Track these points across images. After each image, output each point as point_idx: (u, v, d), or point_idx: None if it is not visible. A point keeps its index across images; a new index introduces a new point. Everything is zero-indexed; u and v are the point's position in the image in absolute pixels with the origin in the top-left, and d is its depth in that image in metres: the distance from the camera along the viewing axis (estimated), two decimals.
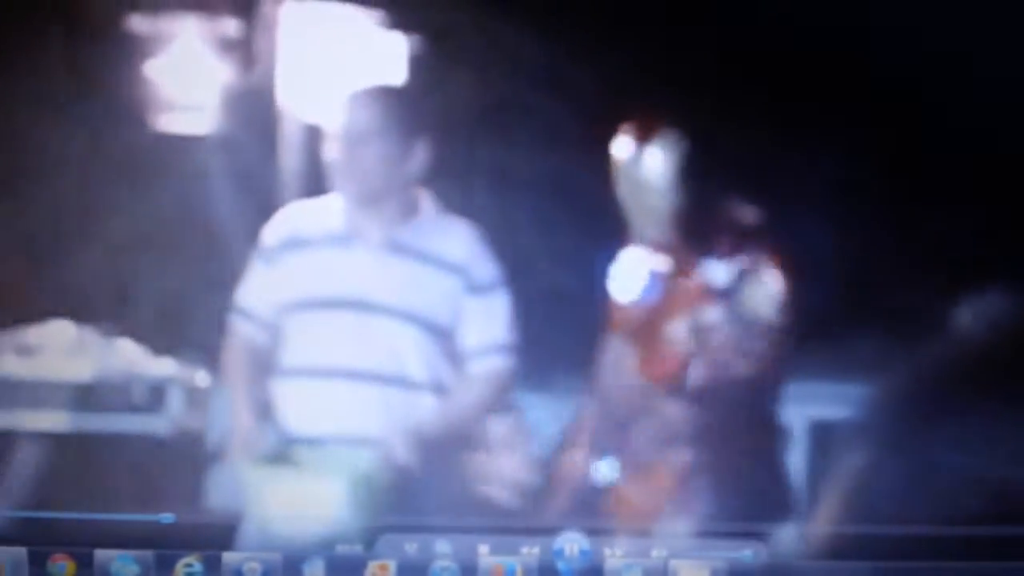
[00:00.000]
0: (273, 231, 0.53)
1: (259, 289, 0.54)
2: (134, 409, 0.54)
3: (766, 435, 0.63)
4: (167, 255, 0.51)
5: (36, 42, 0.46)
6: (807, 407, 0.64)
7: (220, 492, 0.57)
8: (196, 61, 0.47)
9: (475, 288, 0.55)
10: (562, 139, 0.53)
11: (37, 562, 0.64)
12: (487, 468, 0.58)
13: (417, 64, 0.50)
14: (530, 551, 0.67)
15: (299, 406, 0.57)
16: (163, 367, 0.53)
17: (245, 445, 0.56)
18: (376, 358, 0.55)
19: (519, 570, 0.66)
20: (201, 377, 0.54)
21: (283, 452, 0.58)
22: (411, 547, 0.66)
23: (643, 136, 0.57)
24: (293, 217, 0.53)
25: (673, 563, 0.67)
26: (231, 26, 0.47)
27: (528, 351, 0.58)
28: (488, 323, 0.56)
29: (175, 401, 0.54)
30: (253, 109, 0.49)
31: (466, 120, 0.50)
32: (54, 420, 0.53)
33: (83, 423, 0.54)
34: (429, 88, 0.50)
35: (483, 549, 0.67)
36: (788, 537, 0.68)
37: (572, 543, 0.67)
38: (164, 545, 0.65)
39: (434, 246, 0.54)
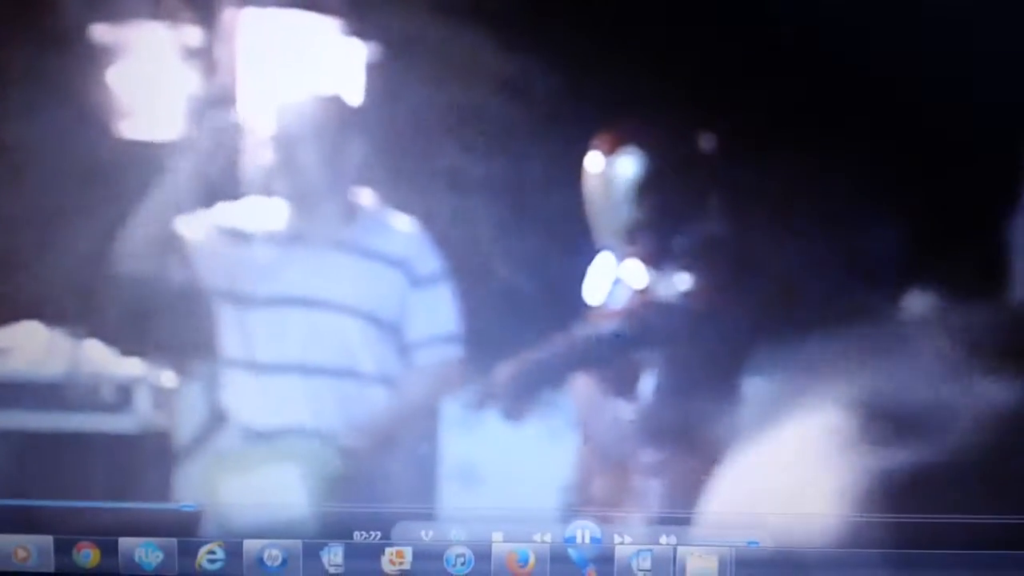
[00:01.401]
0: (214, 224, 0.53)
1: (213, 269, 0.55)
2: (102, 408, 0.55)
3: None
4: (132, 259, 0.52)
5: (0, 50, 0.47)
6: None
7: (187, 488, 0.60)
8: (158, 68, 0.47)
9: (417, 281, 0.56)
10: (518, 143, 0.53)
11: (63, 550, 0.66)
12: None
13: (373, 70, 0.50)
14: (543, 538, 0.68)
15: (253, 401, 0.59)
16: (132, 366, 0.55)
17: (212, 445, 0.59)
18: (326, 353, 0.56)
19: (532, 557, 0.68)
20: (168, 377, 0.56)
21: (240, 445, 0.60)
22: (427, 534, 0.68)
23: (605, 145, 0.57)
24: (232, 213, 0.53)
25: (682, 550, 0.69)
26: (192, 34, 0.47)
27: (483, 347, 0.59)
28: (431, 315, 0.57)
29: (143, 400, 0.55)
30: (214, 115, 0.50)
31: (419, 124, 0.51)
32: (25, 419, 0.55)
33: (53, 422, 0.56)
34: (380, 92, 0.50)
35: (497, 536, 0.68)
36: (795, 524, 0.69)
37: (583, 530, 0.69)
38: (186, 533, 0.67)
39: (376, 242, 0.55)
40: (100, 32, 0.48)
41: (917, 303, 0.64)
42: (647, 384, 0.66)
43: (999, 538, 0.69)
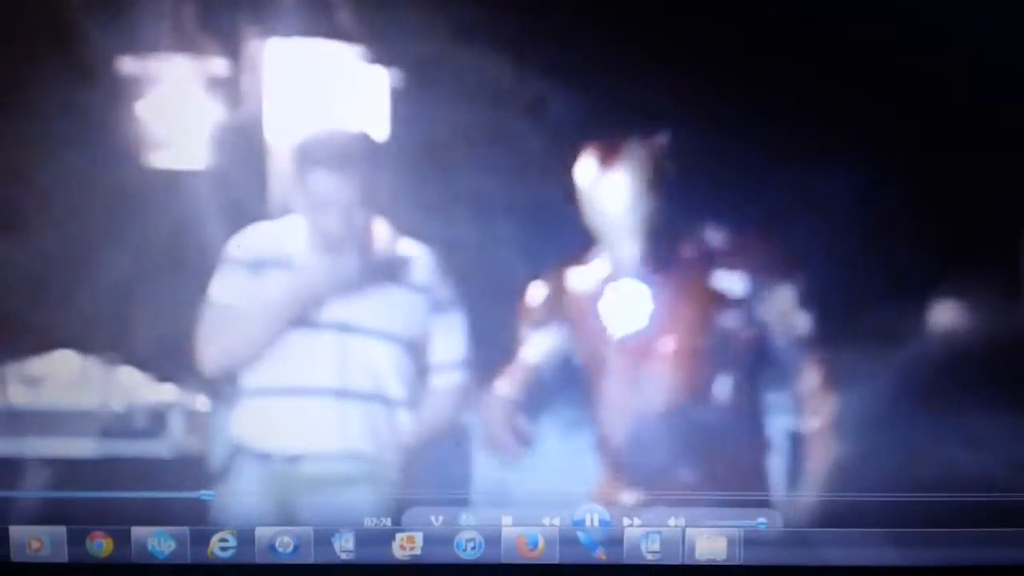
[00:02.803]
0: (248, 245, 0.55)
1: (242, 289, 0.56)
2: (136, 434, 0.56)
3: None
4: (165, 286, 0.53)
5: (34, 85, 0.48)
6: None
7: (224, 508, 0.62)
8: (185, 100, 0.48)
9: (438, 307, 0.58)
10: (536, 166, 0.55)
11: (76, 540, 0.67)
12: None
13: (396, 96, 0.51)
14: (552, 522, 0.69)
15: (284, 424, 0.61)
16: (166, 393, 0.56)
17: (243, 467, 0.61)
18: (357, 377, 0.59)
19: (541, 540, 0.69)
20: (201, 402, 0.57)
21: (274, 469, 0.63)
22: (437, 520, 0.69)
23: (615, 161, 0.58)
24: (265, 237, 0.55)
25: (690, 532, 0.69)
26: (218, 65, 0.48)
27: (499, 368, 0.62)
28: (450, 340, 0.60)
29: (177, 426, 0.57)
30: (242, 143, 0.51)
31: (441, 150, 0.52)
32: (58, 448, 0.56)
33: (89, 449, 0.57)
34: (405, 120, 0.51)
35: (506, 520, 0.69)
36: (802, 505, 0.70)
37: (592, 514, 0.69)
38: (200, 521, 0.67)
39: (400, 268, 0.57)
40: (128, 66, 0.49)
41: (939, 312, 0.64)
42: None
43: (1004, 516, 0.70)
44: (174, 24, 0.47)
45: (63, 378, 0.54)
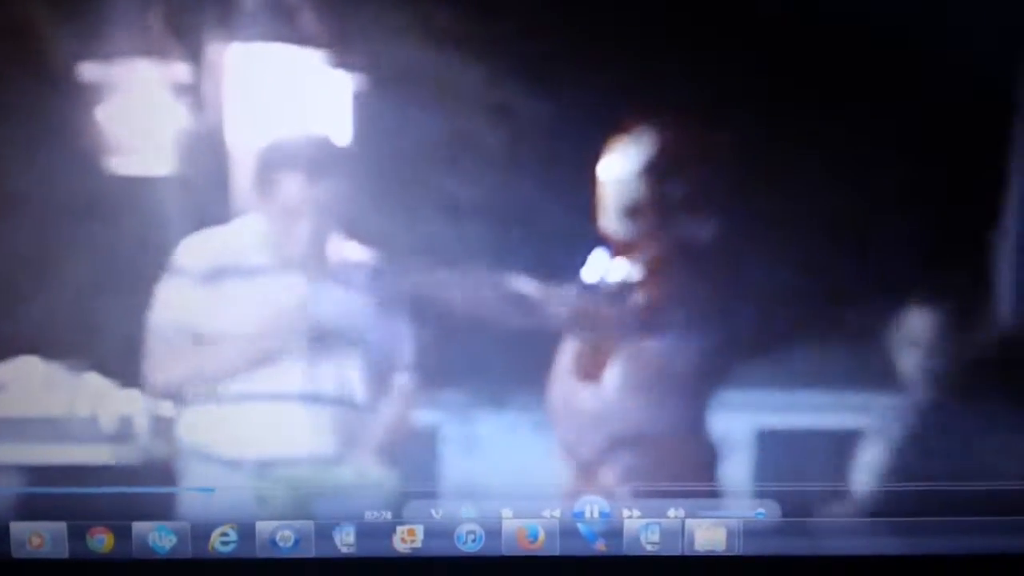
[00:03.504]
0: (202, 255, 0.55)
1: (193, 307, 0.56)
2: (103, 440, 0.57)
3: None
4: (129, 291, 0.53)
5: None
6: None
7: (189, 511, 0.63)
8: (149, 105, 0.48)
9: (386, 308, 0.58)
10: (503, 169, 0.55)
11: (76, 536, 0.67)
12: None
13: (359, 101, 0.51)
14: (552, 514, 0.69)
15: (251, 430, 0.62)
16: (131, 399, 0.56)
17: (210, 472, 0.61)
18: (330, 382, 0.59)
19: (541, 532, 0.69)
20: (166, 407, 0.58)
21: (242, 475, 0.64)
22: (437, 512, 0.69)
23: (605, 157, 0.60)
24: (221, 244, 0.55)
25: (689, 523, 0.69)
26: (181, 70, 0.48)
27: (476, 372, 0.63)
28: (396, 341, 0.60)
29: (142, 432, 0.57)
30: (205, 149, 0.51)
31: (405, 155, 0.52)
32: (21, 455, 0.57)
33: (51, 458, 0.58)
34: (368, 125, 0.51)
35: (507, 512, 0.69)
36: (801, 495, 0.70)
37: (592, 505, 0.69)
38: (201, 516, 0.67)
39: (359, 273, 0.57)
40: (91, 70, 0.49)
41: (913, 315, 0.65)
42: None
43: (1007, 505, 0.70)
44: (137, 28, 0.46)
45: (27, 384, 0.54)
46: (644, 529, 0.69)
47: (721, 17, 0.55)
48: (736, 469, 0.70)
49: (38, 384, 0.54)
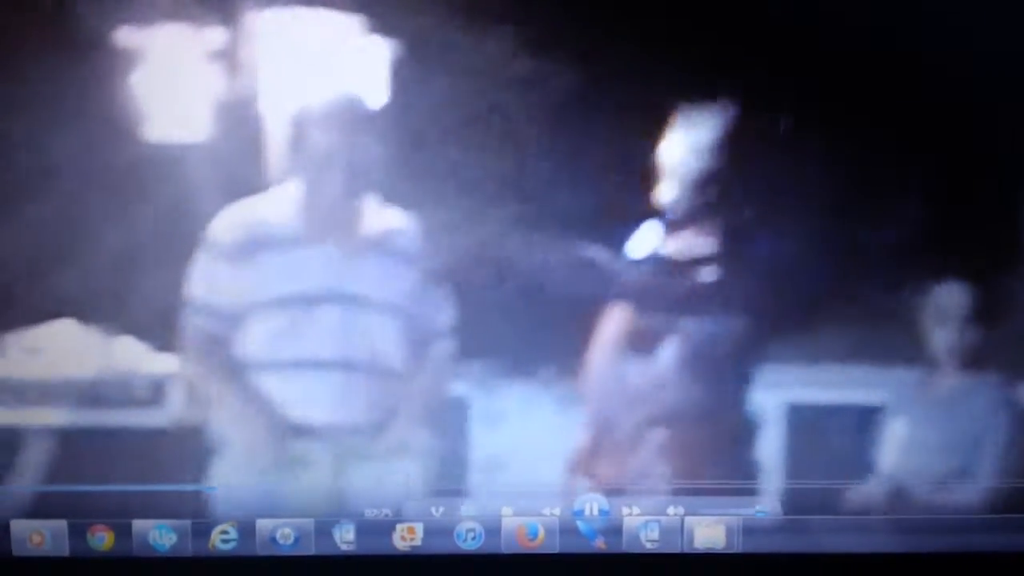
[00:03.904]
0: (229, 227, 0.54)
1: (220, 284, 0.56)
2: (137, 404, 0.56)
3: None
4: (165, 256, 0.53)
5: (26, 57, 0.47)
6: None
7: (222, 482, 0.63)
8: (181, 71, 0.48)
9: (427, 275, 0.58)
10: (534, 140, 0.55)
11: (77, 533, 0.67)
12: None
13: (395, 68, 0.51)
14: (552, 512, 0.69)
15: (293, 398, 0.61)
16: (164, 363, 0.56)
17: (244, 439, 0.60)
18: (365, 349, 0.58)
19: (541, 530, 0.69)
20: (200, 373, 0.58)
21: (282, 443, 0.63)
22: (437, 510, 0.69)
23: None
24: (249, 215, 0.55)
25: (689, 520, 0.69)
26: (213, 36, 0.48)
27: (502, 343, 0.62)
28: (437, 308, 0.60)
29: (175, 396, 0.57)
30: (238, 117, 0.51)
31: (438, 122, 0.52)
32: (60, 416, 0.56)
33: (87, 419, 0.57)
34: (402, 91, 0.51)
35: (507, 510, 0.69)
36: (801, 493, 0.70)
37: (591, 503, 0.69)
38: (202, 514, 0.67)
39: (394, 240, 0.57)
40: (123, 37, 0.49)
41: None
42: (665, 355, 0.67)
43: (1004, 503, 0.70)
44: None
45: (63, 348, 0.54)
46: (644, 527, 0.69)
47: None
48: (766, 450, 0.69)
49: (74, 347, 0.54)
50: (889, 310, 0.63)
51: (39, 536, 0.67)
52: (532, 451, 0.67)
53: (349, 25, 0.50)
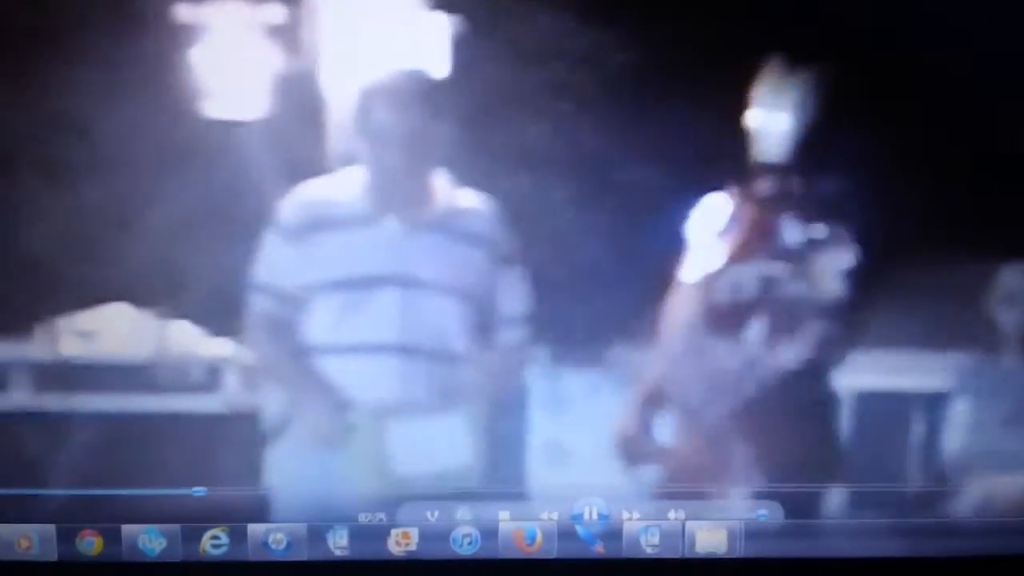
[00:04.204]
0: (294, 208, 0.53)
1: (282, 266, 0.54)
2: (192, 389, 0.55)
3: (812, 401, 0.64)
4: (220, 239, 0.51)
5: (85, 34, 0.46)
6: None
7: (279, 468, 0.61)
8: (240, 47, 0.47)
9: (499, 259, 0.56)
10: (600, 119, 0.53)
11: (66, 538, 0.65)
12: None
13: (456, 46, 0.49)
14: (550, 516, 0.68)
15: (352, 381, 0.59)
16: (220, 347, 0.55)
17: (304, 421, 0.59)
18: (425, 332, 0.57)
19: (539, 535, 0.68)
20: (255, 356, 0.56)
21: (340, 425, 0.60)
22: (432, 515, 0.67)
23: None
24: (315, 195, 0.53)
25: (690, 524, 0.68)
26: (274, 11, 0.47)
27: (563, 325, 0.60)
28: (510, 294, 0.58)
29: (232, 380, 0.55)
30: (299, 94, 0.49)
31: (502, 100, 0.50)
32: (112, 403, 0.55)
33: (141, 403, 0.56)
34: (465, 70, 0.49)
35: (504, 515, 0.68)
36: (804, 497, 0.69)
37: (591, 507, 0.68)
38: (194, 519, 0.66)
39: (460, 221, 0.56)
40: (185, 13, 0.47)
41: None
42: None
43: (1005, 506, 0.69)
44: None
45: (117, 331, 0.52)
46: (644, 531, 0.68)
47: None
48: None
49: (128, 331, 0.53)
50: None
51: (27, 540, 0.65)
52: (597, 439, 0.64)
53: (411, 2, 0.49)
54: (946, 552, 0.69)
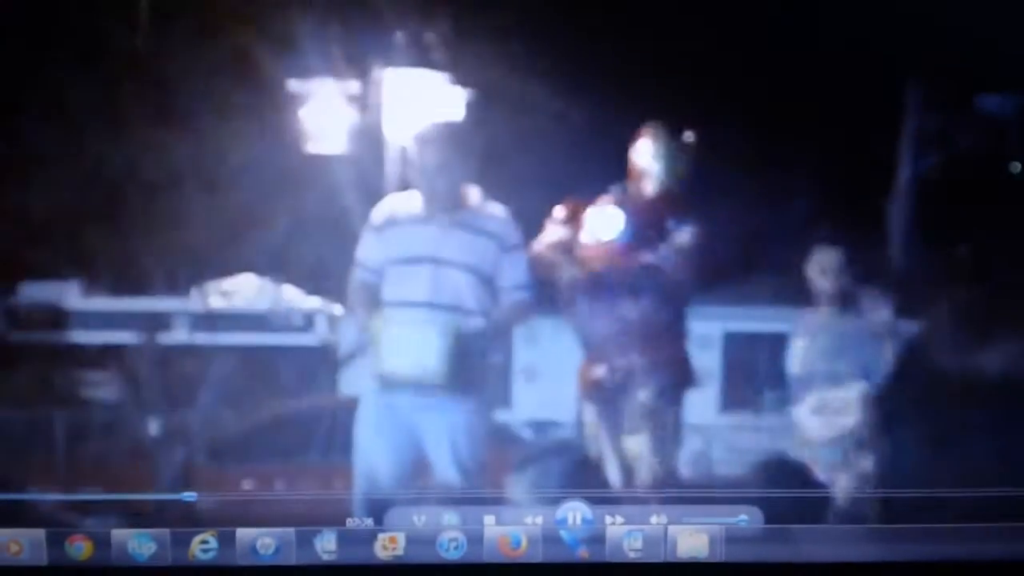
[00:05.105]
0: (378, 213, 0.79)
1: (370, 250, 0.80)
2: (295, 330, 0.82)
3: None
4: (317, 235, 0.75)
5: (227, 95, 0.71)
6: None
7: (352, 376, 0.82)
8: (332, 106, 0.74)
9: (506, 248, 0.81)
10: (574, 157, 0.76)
11: (55, 543, 0.66)
12: None
13: (472, 107, 0.75)
14: (534, 521, 0.69)
15: (398, 324, 0.82)
16: (314, 302, 0.82)
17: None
18: (445, 295, 0.81)
19: (524, 539, 0.69)
20: (337, 309, 0.82)
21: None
22: (419, 519, 0.69)
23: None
24: (390, 204, 0.80)
25: (672, 529, 0.69)
26: (353, 84, 0.74)
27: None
28: (514, 271, 0.82)
29: (321, 324, 0.82)
30: (368, 137, 0.76)
31: (510, 141, 0.74)
32: (243, 339, 0.81)
33: (262, 340, 0.82)
34: (480, 124, 0.76)
35: (489, 520, 0.69)
36: (783, 502, 0.71)
37: (575, 512, 0.69)
38: (183, 523, 0.67)
39: (480, 221, 0.81)
40: (294, 84, 0.72)
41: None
42: None
43: (989, 511, 0.70)
44: (325, 57, 0.71)
45: (246, 292, 0.79)
46: (627, 536, 0.69)
47: None
48: None
49: (253, 291, 0.79)
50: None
51: (16, 545, 0.66)
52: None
53: (440, 78, 0.74)
54: (924, 557, 0.70)
